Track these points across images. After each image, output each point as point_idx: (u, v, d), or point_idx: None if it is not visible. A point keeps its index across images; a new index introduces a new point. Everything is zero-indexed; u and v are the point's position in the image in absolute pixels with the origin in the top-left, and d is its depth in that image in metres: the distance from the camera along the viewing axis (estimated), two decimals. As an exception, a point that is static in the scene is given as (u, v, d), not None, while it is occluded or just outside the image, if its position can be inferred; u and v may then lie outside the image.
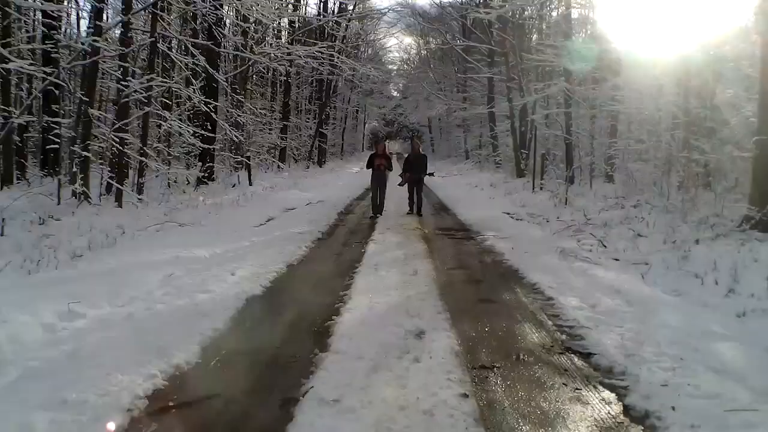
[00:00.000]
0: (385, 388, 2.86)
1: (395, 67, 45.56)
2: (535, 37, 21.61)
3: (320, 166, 25.86)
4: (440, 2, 28.91)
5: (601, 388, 3.01)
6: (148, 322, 3.99)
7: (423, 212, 11.35)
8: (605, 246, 7.37)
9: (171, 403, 2.71)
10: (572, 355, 3.51)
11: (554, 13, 20.09)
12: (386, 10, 34.17)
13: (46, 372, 3.06)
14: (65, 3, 13.63)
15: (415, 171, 11.30)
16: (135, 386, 2.78)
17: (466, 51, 25.98)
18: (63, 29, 12.63)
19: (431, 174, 14.86)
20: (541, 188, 14.24)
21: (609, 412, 2.73)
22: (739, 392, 2.90)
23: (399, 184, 11.50)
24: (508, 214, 11.32)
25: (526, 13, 19.46)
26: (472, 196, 15.46)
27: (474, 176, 21.84)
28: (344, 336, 3.68)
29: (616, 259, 6.70)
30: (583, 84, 15.42)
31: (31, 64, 8.13)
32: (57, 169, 11.26)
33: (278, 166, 20.28)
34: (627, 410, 2.74)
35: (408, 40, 42.42)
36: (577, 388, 3.00)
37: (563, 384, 3.05)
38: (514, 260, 6.53)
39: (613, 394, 2.92)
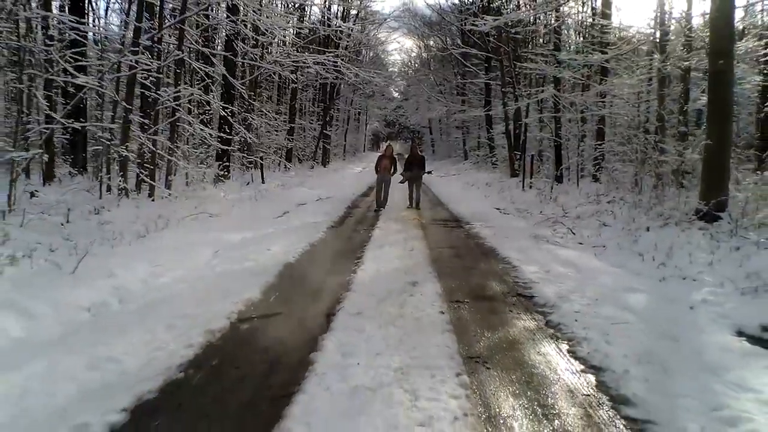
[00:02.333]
0: (390, 308, 4.35)
1: (396, 69, 46.27)
2: (530, 45, 22.58)
3: (324, 166, 26.74)
4: (440, 8, 29.95)
5: (535, 313, 4.46)
6: (215, 279, 5.43)
7: (421, 206, 12.71)
8: (574, 233, 8.74)
9: (252, 316, 4.18)
10: (521, 297, 4.96)
11: (551, 20, 21.16)
12: (388, 16, 35.19)
13: (157, 305, 4.48)
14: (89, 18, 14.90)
15: (414, 170, 12.67)
16: (226, 307, 4.25)
17: (464, 56, 26.67)
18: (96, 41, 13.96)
19: (429, 172, 16.13)
20: (530, 187, 15.35)
21: (535, 324, 4.19)
22: (626, 317, 4.33)
23: (400, 182, 12.86)
24: (498, 209, 12.67)
25: (521, 17, 20.36)
26: (468, 194, 16.79)
27: (471, 176, 22.83)
28: (360, 284, 5.18)
29: (581, 243, 8.07)
30: (575, 89, 16.50)
31: (93, 79, 9.52)
32: (86, 168, 12.41)
33: (285, 166, 21.38)
34: (547, 323, 4.20)
35: (409, 43, 43.33)
36: (518, 313, 4.46)
37: (509, 311, 4.52)
38: (493, 243, 7.94)
39: (541, 316, 4.38)
